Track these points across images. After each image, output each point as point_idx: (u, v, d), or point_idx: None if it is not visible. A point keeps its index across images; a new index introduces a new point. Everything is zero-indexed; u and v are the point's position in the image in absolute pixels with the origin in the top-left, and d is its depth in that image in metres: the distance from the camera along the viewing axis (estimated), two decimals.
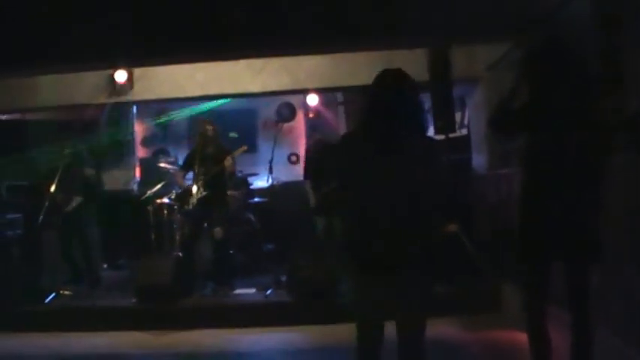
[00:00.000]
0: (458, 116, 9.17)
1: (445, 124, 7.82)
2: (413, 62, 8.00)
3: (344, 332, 3.73)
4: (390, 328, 3.54)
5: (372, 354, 3.57)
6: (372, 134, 3.46)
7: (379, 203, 3.37)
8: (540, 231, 3.86)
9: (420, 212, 3.38)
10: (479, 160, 8.71)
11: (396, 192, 3.35)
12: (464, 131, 9.44)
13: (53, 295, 7.93)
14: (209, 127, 8.19)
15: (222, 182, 8.25)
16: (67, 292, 8.05)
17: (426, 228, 3.42)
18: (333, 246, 8.11)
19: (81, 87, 8.94)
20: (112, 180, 10.91)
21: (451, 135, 8.13)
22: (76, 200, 8.45)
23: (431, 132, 8.29)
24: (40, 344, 6.88)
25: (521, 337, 4.24)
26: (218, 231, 8.04)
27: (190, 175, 8.42)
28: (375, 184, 3.38)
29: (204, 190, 7.98)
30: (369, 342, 3.57)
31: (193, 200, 8.02)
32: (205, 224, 8.24)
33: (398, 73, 3.56)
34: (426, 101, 9.02)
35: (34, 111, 10.18)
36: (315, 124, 10.83)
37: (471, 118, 9.20)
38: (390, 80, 3.53)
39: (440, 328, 6.51)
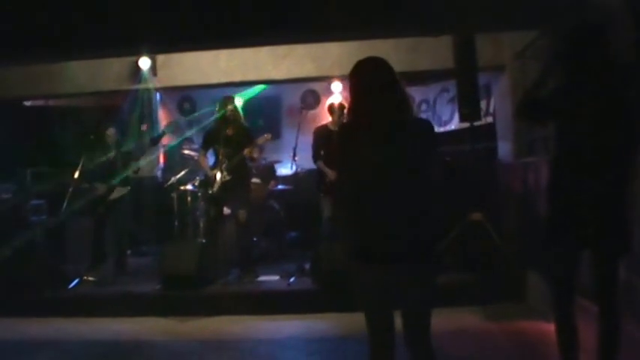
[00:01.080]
0: (483, 104, 9.10)
1: (470, 111, 7.77)
2: (438, 49, 7.99)
3: None
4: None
5: (383, 343, 3.52)
6: (363, 121, 3.41)
7: (378, 189, 3.32)
8: (568, 220, 3.82)
9: (420, 197, 3.33)
10: (504, 148, 8.62)
11: (393, 177, 3.31)
12: (489, 119, 9.36)
13: (77, 281, 7.97)
14: (229, 106, 8.06)
15: (244, 166, 8.19)
16: (91, 279, 8.07)
17: (427, 214, 3.35)
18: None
19: (105, 74, 8.97)
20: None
21: (476, 123, 8.07)
22: (120, 191, 8.48)
23: (456, 120, 8.24)
24: (63, 330, 6.93)
25: (546, 328, 4.21)
26: (242, 213, 8.01)
27: (212, 160, 8.37)
28: (372, 170, 3.33)
29: (228, 175, 7.96)
30: (377, 330, 3.51)
31: (217, 185, 7.98)
32: (229, 209, 8.24)
33: (374, 59, 3.50)
34: (452, 89, 9.01)
35: (58, 97, 10.25)
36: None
37: (496, 106, 9.11)
38: (368, 68, 3.48)
39: (463, 318, 6.50)
